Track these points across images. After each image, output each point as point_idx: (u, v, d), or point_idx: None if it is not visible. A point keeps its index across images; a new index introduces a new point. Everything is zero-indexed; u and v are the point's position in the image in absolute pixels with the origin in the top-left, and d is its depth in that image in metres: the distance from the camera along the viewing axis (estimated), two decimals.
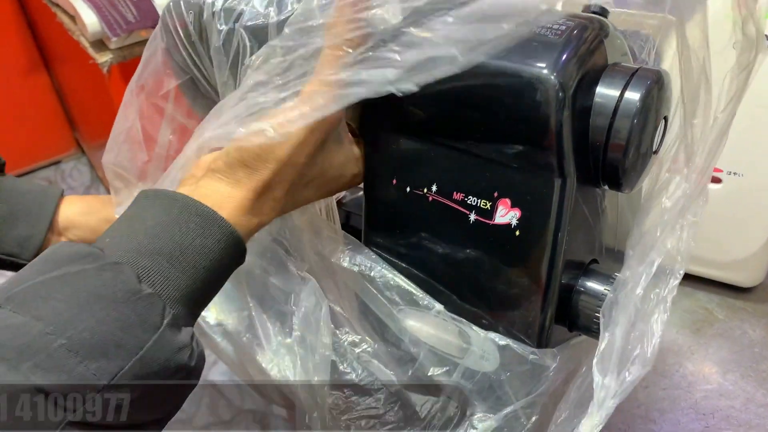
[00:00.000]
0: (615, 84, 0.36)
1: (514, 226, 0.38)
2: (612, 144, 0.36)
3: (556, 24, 0.36)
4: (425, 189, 0.41)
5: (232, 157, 0.38)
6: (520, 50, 0.35)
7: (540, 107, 0.34)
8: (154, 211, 0.37)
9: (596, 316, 0.39)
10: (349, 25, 0.36)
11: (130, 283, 0.33)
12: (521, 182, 0.37)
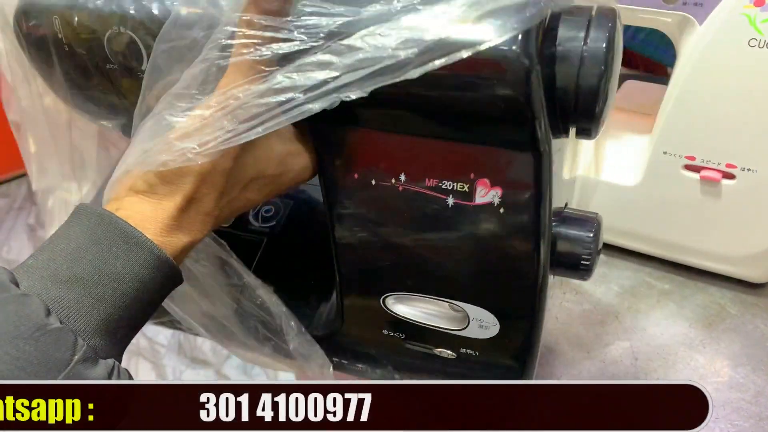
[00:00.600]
0: (576, 28, 0.34)
1: (498, 204, 0.36)
2: (583, 94, 0.34)
3: None
4: (393, 180, 0.38)
5: (150, 176, 0.36)
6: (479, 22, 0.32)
7: (511, 85, 0.32)
8: (79, 230, 0.35)
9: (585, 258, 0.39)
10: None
11: (35, 317, 0.31)
12: (499, 161, 0.35)
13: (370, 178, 0.39)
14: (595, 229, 0.40)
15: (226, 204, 0.38)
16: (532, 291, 0.38)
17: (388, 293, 0.42)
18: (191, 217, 0.37)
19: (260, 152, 0.38)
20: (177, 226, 0.36)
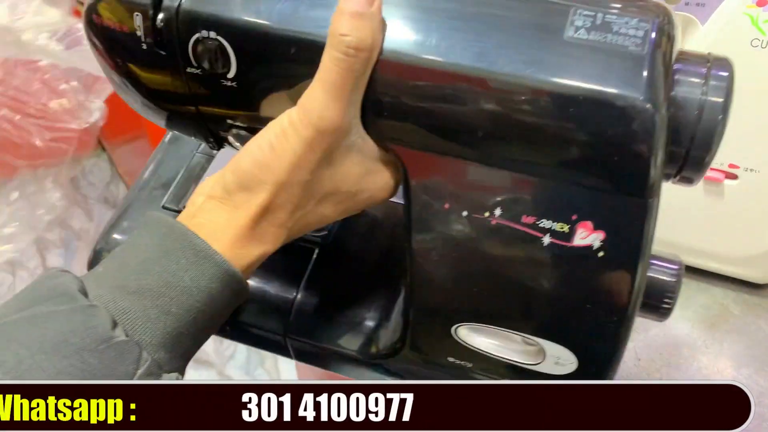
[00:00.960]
0: (695, 75, 0.34)
1: (597, 247, 0.37)
2: (697, 142, 0.34)
3: (627, 27, 0.33)
4: (487, 213, 0.37)
5: (228, 182, 0.36)
6: (602, 67, 0.32)
7: (635, 135, 0.32)
8: (149, 240, 0.35)
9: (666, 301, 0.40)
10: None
11: (101, 329, 0.31)
12: (606, 205, 0.34)
13: (462, 210, 0.38)
14: (679, 272, 0.41)
15: (300, 218, 0.37)
16: (617, 332, 0.39)
17: (461, 323, 0.42)
18: (264, 228, 0.36)
19: (339, 168, 0.37)
20: (250, 237, 0.36)
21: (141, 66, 0.40)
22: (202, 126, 0.42)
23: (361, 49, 0.33)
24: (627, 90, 0.32)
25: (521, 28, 0.34)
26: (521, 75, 0.33)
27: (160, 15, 0.37)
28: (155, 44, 0.38)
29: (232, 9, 0.36)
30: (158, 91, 0.41)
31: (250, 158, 0.35)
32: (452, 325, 0.42)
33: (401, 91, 0.35)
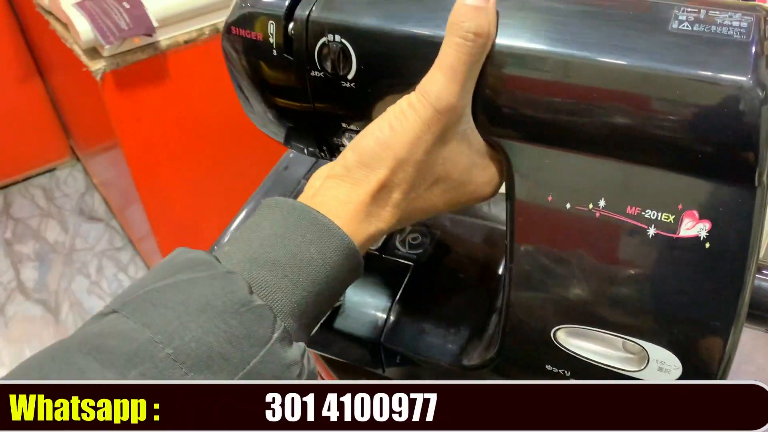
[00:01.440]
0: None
1: (704, 238, 0.37)
2: None
3: (731, 19, 0.34)
4: (590, 205, 0.38)
5: (349, 160, 0.38)
6: (707, 53, 0.34)
7: (743, 118, 0.33)
8: (272, 220, 0.36)
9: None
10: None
11: (240, 294, 0.32)
12: (713, 194, 0.35)
13: (565, 202, 0.39)
14: None
15: (413, 200, 0.39)
16: (726, 335, 0.38)
17: (560, 326, 0.42)
18: (380, 205, 0.38)
19: (450, 153, 0.39)
20: (367, 213, 0.38)
21: (270, 71, 0.44)
22: (318, 132, 0.46)
23: (479, 35, 0.36)
24: (733, 72, 0.33)
25: (628, 22, 0.36)
26: (627, 63, 0.35)
27: (291, 24, 0.42)
28: (285, 50, 0.43)
29: (356, 14, 0.40)
30: (283, 96, 0.45)
31: (370, 137, 0.38)
32: (551, 328, 0.42)
33: (510, 83, 0.38)
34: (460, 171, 0.40)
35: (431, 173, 0.39)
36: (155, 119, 1.28)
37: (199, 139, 1.36)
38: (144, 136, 1.28)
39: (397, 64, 0.40)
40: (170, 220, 1.46)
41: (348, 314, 0.50)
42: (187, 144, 1.36)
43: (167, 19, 1.15)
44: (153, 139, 1.30)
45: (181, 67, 1.23)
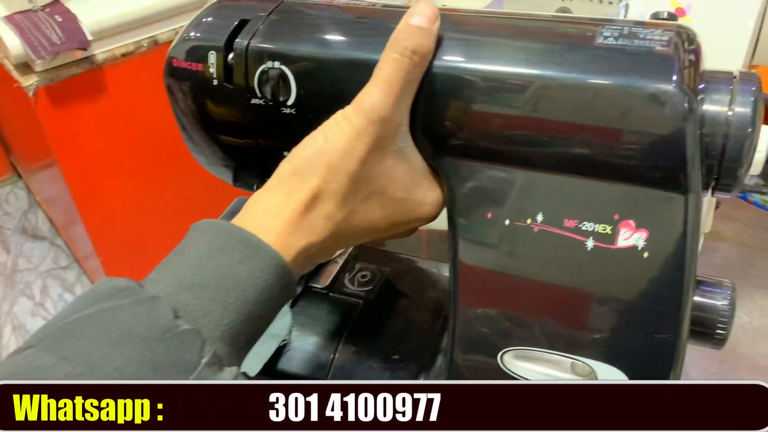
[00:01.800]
0: (721, 92, 0.35)
1: (641, 248, 0.36)
2: (729, 156, 0.35)
3: (653, 34, 0.36)
4: (529, 220, 0.38)
5: (282, 170, 0.38)
6: (632, 63, 0.35)
7: (669, 124, 0.34)
8: (199, 242, 0.36)
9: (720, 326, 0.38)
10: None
11: (164, 319, 0.31)
12: (647, 202, 0.35)
13: (504, 218, 0.38)
14: (731, 296, 0.39)
15: (348, 214, 0.38)
16: (671, 347, 0.37)
17: (507, 349, 0.41)
18: (313, 217, 0.37)
19: (387, 170, 0.39)
20: (299, 224, 0.37)
21: (211, 101, 0.44)
22: (261, 163, 0.46)
23: (416, 53, 0.37)
24: (658, 80, 0.34)
25: (557, 39, 0.37)
26: (556, 76, 0.36)
27: (231, 53, 0.42)
28: (225, 79, 0.43)
29: (294, 41, 0.41)
30: (225, 128, 0.45)
31: (305, 147, 0.38)
32: (498, 352, 0.41)
33: (445, 101, 0.38)
34: (398, 188, 0.40)
35: (366, 186, 0.38)
36: (94, 135, 1.25)
37: (141, 155, 1.33)
38: (82, 153, 1.25)
39: (335, 88, 0.40)
40: (113, 238, 1.41)
41: (293, 354, 0.49)
42: (129, 160, 1.32)
43: (102, 32, 1.13)
44: (92, 155, 1.27)
45: (119, 81, 1.21)
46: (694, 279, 0.37)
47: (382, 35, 0.40)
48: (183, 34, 0.45)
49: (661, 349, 0.37)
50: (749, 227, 0.72)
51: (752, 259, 0.68)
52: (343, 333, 0.49)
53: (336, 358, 0.48)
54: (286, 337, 0.48)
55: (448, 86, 0.38)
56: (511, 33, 0.39)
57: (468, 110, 0.38)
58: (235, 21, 0.43)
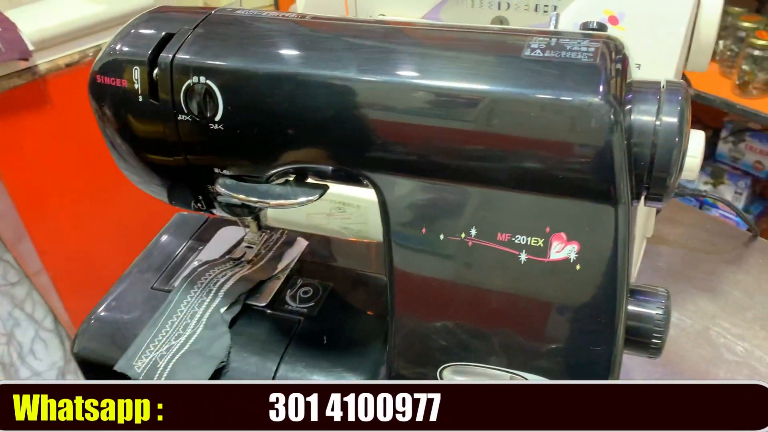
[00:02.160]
0: (648, 103, 0.35)
1: (574, 260, 0.36)
2: (658, 166, 0.35)
3: (579, 45, 0.35)
4: (463, 234, 0.37)
5: None
6: (559, 76, 0.34)
7: (595, 134, 0.34)
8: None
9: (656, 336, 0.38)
10: None
11: None
12: (576, 214, 0.35)
13: (439, 233, 0.38)
14: (665, 304, 0.40)
15: None
16: (607, 358, 0.37)
17: (445, 364, 0.40)
18: None
19: None
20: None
21: (137, 118, 0.42)
22: (192, 181, 0.44)
23: None
24: (584, 92, 0.34)
25: (484, 52, 0.37)
26: (484, 90, 0.35)
27: (156, 69, 0.41)
28: (150, 95, 0.41)
29: (220, 55, 0.40)
30: (153, 145, 0.43)
31: None
32: (436, 369, 0.40)
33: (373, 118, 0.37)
34: None
35: None
36: (38, 148, 1.21)
37: (87, 168, 1.29)
38: (27, 167, 1.21)
39: (263, 103, 0.39)
40: (62, 253, 1.37)
41: (232, 376, 0.47)
42: (75, 173, 1.29)
43: (45, 42, 1.10)
44: (37, 169, 1.23)
45: (64, 92, 1.18)
46: (628, 289, 0.37)
47: (310, 49, 0.39)
48: (107, 48, 0.43)
49: (597, 361, 0.37)
50: (692, 230, 0.73)
51: (695, 261, 0.69)
52: (283, 351, 0.48)
53: (276, 378, 0.47)
54: (224, 358, 0.47)
55: (375, 100, 0.37)
56: (439, 46, 0.38)
57: (396, 125, 0.37)
58: (161, 34, 0.42)
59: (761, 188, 1.67)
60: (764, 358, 0.58)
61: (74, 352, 0.51)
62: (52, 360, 1.61)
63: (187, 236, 0.59)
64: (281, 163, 0.41)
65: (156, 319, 0.50)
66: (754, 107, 1.38)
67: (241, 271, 0.54)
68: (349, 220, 0.64)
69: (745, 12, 1.45)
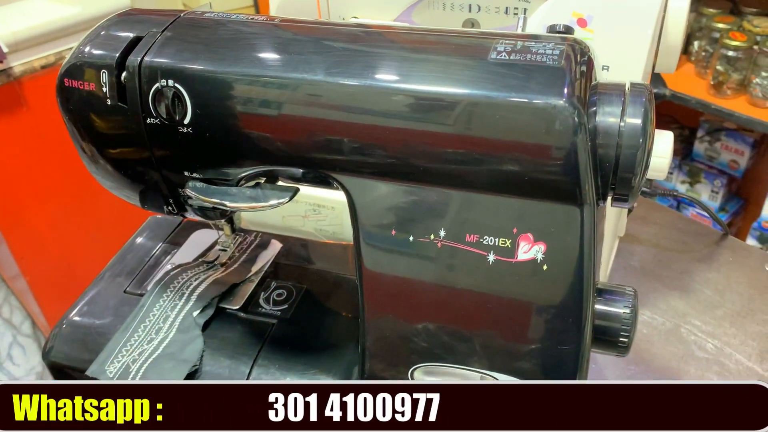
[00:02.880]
0: (612, 105, 0.36)
1: (541, 260, 0.37)
2: (622, 167, 0.35)
3: (545, 48, 0.36)
4: (432, 236, 0.38)
5: None
6: (524, 79, 0.35)
7: (559, 136, 0.34)
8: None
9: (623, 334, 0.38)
10: None
11: None
12: (542, 215, 0.35)
13: (408, 234, 0.38)
14: (632, 303, 0.40)
15: None
16: (575, 358, 0.37)
17: (417, 365, 0.40)
18: None
19: None
20: None
21: (106, 123, 0.42)
22: (162, 185, 0.44)
23: None
24: (548, 95, 0.34)
25: (450, 55, 0.37)
26: (450, 93, 0.36)
27: (124, 72, 0.41)
28: (119, 99, 0.41)
29: (188, 58, 0.40)
30: (122, 149, 0.43)
31: None
32: (407, 370, 0.40)
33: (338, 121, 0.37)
34: None
35: None
36: (13, 151, 1.20)
37: (63, 171, 1.28)
38: (2, 169, 1.20)
39: (231, 106, 0.39)
40: (39, 257, 1.36)
41: (204, 378, 0.47)
42: (51, 176, 1.28)
43: (19, 44, 1.10)
44: (12, 172, 1.22)
45: (39, 94, 1.17)
46: (594, 289, 0.37)
47: (279, 52, 0.39)
48: (75, 51, 0.43)
49: (565, 360, 0.37)
50: (664, 229, 0.74)
51: (666, 260, 0.69)
52: (256, 354, 0.48)
53: (249, 380, 0.47)
54: (196, 362, 0.47)
55: (342, 103, 0.37)
56: (407, 48, 0.39)
57: (363, 127, 0.37)
58: (130, 37, 0.42)
59: (737, 187, 1.69)
60: (734, 355, 0.59)
61: (46, 358, 0.51)
62: (30, 365, 1.60)
63: (160, 239, 0.59)
64: (251, 166, 0.41)
65: (128, 323, 0.50)
66: (729, 107, 1.40)
67: (215, 274, 0.54)
68: (324, 221, 0.64)
69: (719, 13, 1.47)
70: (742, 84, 1.41)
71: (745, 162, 1.62)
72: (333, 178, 0.39)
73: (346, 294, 0.54)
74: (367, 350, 0.41)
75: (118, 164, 0.44)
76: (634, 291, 0.41)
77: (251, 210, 0.43)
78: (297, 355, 0.48)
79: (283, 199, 0.42)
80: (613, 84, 0.38)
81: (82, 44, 0.43)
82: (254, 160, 0.41)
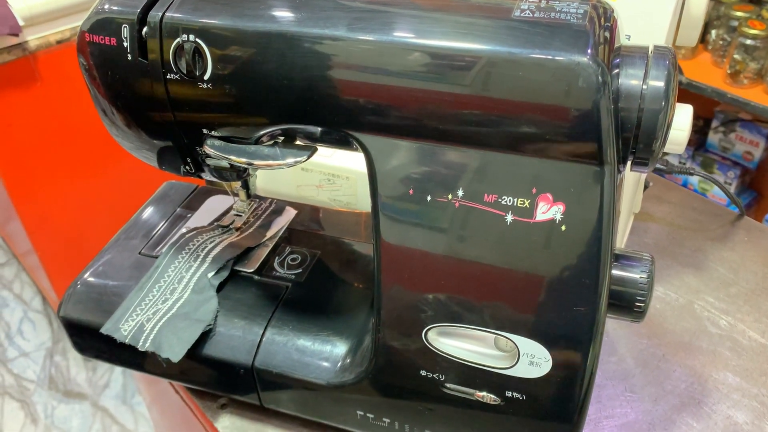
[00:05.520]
0: (636, 67, 0.36)
1: (559, 221, 0.37)
2: (643, 129, 0.35)
3: (569, 7, 0.35)
4: (450, 195, 0.38)
5: None
6: (548, 36, 0.34)
7: (583, 96, 0.34)
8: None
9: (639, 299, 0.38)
10: None
11: None
12: (563, 175, 0.35)
13: (426, 194, 0.38)
14: (650, 269, 0.40)
15: None
16: (590, 320, 0.37)
17: (431, 325, 0.40)
18: None
19: None
20: None
21: (126, 78, 0.42)
22: (181, 142, 0.44)
23: None
24: (572, 52, 0.34)
25: (474, 12, 0.37)
26: (473, 49, 0.35)
27: (145, 27, 0.41)
28: (140, 54, 0.41)
29: (209, 14, 0.40)
30: (142, 105, 0.43)
31: None
32: (422, 329, 0.40)
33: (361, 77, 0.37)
34: None
35: None
36: (27, 126, 1.20)
37: (77, 146, 1.28)
38: (16, 145, 1.20)
39: (251, 62, 0.39)
40: (51, 233, 1.36)
41: (218, 339, 0.47)
42: (64, 151, 1.28)
43: (35, 18, 1.09)
44: (26, 147, 1.22)
45: (54, 68, 1.17)
46: (612, 252, 0.37)
47: (300, 8, 0.39)
48: (97, 6, 0.43)
49: (580, 322, 0.37)
50: (678, 208, 0.73)
51: (680, 238, 0.69)
52: (270, 315, 0.48)
53: (263, 340, 0.47)
54: (210, 322, 0.47)
55: (363, 60, 0.37)
56: (429, 6, 0.38)
57: (384, 85, 0.37)
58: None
59: (750, 179, 1.68)
60: (747, 331, 0.59)
61: (60, 316, 0.51)
62: (41, 340, 1.61)
63: (175, 204, 0.59)
64: (270, 124, 0.41)
65: (143, 283, 0.50)
66: (746, 97, 1.39)
67: (230, 238, 0.54)
68: (338, 191, 0.64)
69: (738, 1, 1.46)
70: (759, 73, 1.40)
71: (759, 154, 1.61)
72: (352, 136, 0.39)
73: (359, 260, 0.54)
74: (381, 309, 0.41)
75: (138, 121, 0.44)
76: (651, 257, 0.41)
77: (268, 168, 0.43)
78: (311, 317, 0.48)
79: (301, 158, 0.42)
80: (637, 47, 0.37)
81: (103, 0, 0.43)
82: (273, 118, 0.41)
